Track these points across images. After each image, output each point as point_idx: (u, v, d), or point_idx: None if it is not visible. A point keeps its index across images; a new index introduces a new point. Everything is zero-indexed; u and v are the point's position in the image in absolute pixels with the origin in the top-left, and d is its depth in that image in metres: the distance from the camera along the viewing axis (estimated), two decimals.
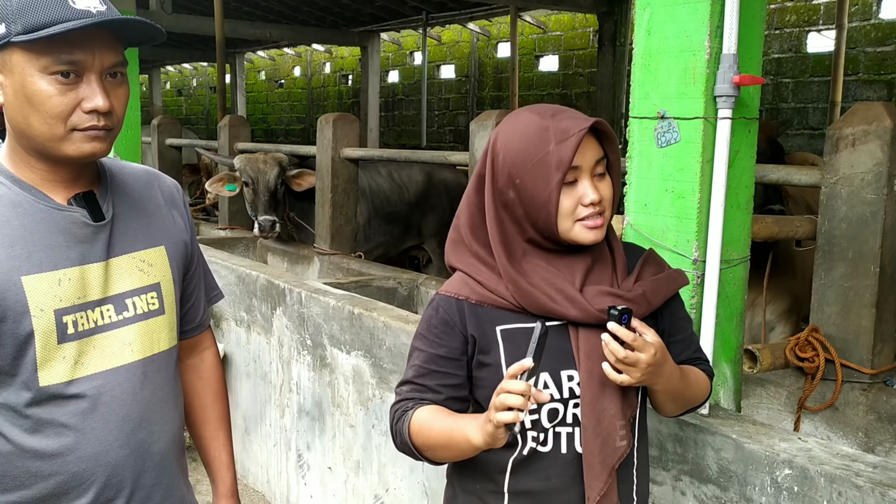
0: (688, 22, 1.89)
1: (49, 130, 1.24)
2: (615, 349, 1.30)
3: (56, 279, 1.28)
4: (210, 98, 20.82)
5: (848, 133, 2.39)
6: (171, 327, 1.45)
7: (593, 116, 1.39)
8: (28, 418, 1.28)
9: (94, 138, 1.26)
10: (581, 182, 1.37)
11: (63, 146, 1.26)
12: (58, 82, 1.22)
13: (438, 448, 1.40)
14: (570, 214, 1.37)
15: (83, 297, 1.31)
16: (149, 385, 1.38)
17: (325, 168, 4.80)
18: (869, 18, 8.73)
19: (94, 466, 1.32)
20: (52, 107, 1.23)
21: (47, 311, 1.26)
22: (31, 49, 1.21)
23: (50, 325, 1.27)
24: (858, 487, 1.56)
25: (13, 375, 1.27)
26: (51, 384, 1.28)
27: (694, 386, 1.48)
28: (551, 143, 1.34)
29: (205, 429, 1.65)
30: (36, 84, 1.22)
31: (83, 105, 1.24)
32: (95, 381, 1.32)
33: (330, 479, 3.26)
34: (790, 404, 2.56)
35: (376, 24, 13.07)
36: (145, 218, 1.43)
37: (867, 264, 2.38)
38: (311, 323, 3.30)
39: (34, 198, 1.30)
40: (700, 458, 1.84)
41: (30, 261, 1.26)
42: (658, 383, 1.38)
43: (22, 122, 1.26)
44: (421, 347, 1.47)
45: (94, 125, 1.25)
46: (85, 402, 1.31)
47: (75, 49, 1.22)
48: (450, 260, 1.50)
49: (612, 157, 1.41)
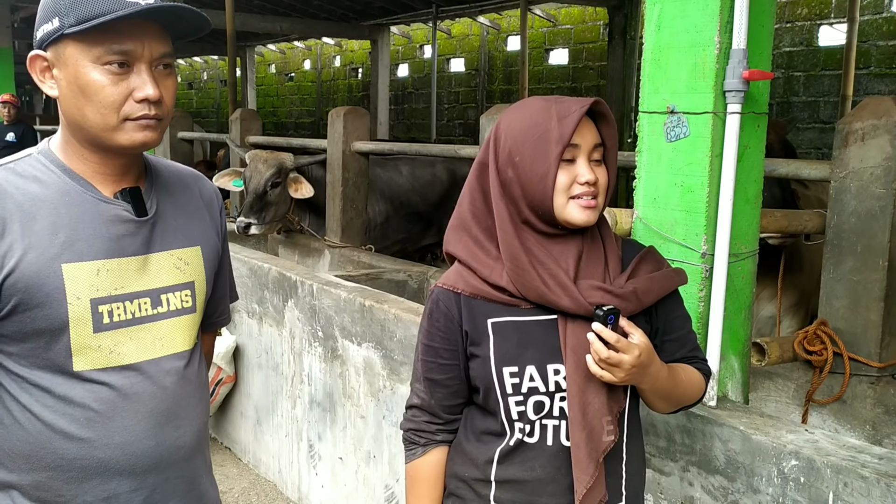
0: (698, 17, 1.90)
1: (102, 120, 1.28)
2: (599, 349, 1.33)
3: (95, 269, 1.31)
4: (220, 91, 20.88)
5: (857, 127, 2.39)
6: (197, 325, 1.48)
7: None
8: (60, 400, 1.31)
9: (146, 127, 1.31)
10: (578, 161, 1.41)
11: (116, 136, 1.30)
12: (110, 73, 1.27)
13: (406, 498, 1.59)
14: (565, 190, 1.40)
15: (120, 289, 1.34)
16: (177, 380, 1.41)
17: (336, 161, 4.82)
18: (881, 12, 8.68)
19: (119, 455, 1.35)
20: (105, 96, 1.27)
21: (83, 299, 1.30)
22: (83, 40, 1.26)
23: (85, 313, 1.30)
24: (864, 478, 1.58)
25: (47, 359, 1.30)
26: (84, 370, 1.32)
27: (685, 385, 1.49)
28: (553, 119, 1.38)
29: None
30: (89, 75, 1.27)
31: (135, 94, 1.28)
32: (127, 371, 1.35)
33: (341, 470, 3.30)
34: (798, 397, 2.57)
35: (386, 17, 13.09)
36: (185, 218, 1.47)
37: (876, 258, 2.39)
38: (322, 315, 3.33)
39: (82, 188, 1.34)
40: (708, 450, 1.86)
41: (71, 249, 1.30)
42: (644, 383, 1.40)
43: (76, 114, 1.30)
44: (426, 342, 1.51)
45: (146, 114, 1.29)
46: (116, 391, 1.34)
47: (126, 39, 1.26)
48: (448, 247, 1.53)
49: (608, 144, 1.44)
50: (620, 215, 2.14)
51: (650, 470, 1.97)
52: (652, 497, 1.99)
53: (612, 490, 1.46)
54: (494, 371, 1.43)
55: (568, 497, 1.43)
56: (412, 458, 1.55)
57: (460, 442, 1.53)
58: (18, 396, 1.32)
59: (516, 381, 1.42)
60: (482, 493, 1.48)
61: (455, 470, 1.53)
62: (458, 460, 1.52)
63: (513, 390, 1.43)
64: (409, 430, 1.56)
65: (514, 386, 1.42)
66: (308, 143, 5.43)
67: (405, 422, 1.57)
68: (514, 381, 1.42)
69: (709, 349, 1.94)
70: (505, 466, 1.46)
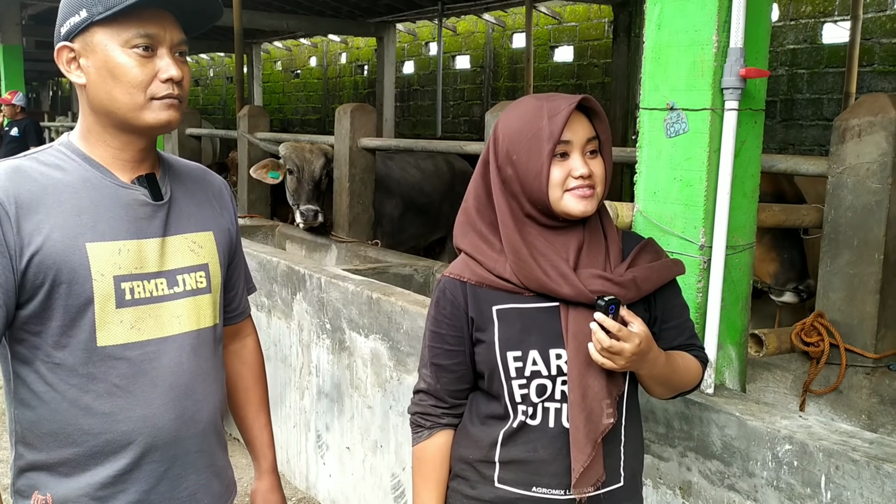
0: (696, 17, 1.96)
1: (131, 100, 1.38)
2: (601, 338, 1.39)
3: (117, 248, 1.39)
4: (227, 88, 20.95)
5: (854, 124, 2.45)
6: (215, 306, 1.55)
7: (608, 107, 1.49)
8: (83, 377, 1.39)
9: (170, 106, 1.41)
10: (572, 156, 1.47)
11: (143, 114, 1.39)
12: (137, 55, 1.37)
13: (412, 479, 1.67)
14: (560, 185, 1.46)
15: (140, 268, 1.42)
16: (194, 357, 1.49)
17: (343, 157, 4.89)
18: (884, 9, 8.71)
19: (141, 427, 1.42)
20: (134, 76, 1.37)
21: (107, 276, 1.38)
22: (112, 27, 1.36)
23: (109, 289, 1.38)
24: (854, 461, 1.64)
25: (72, 336, 1.37)
26: (107, 345, 1.39)
27: (682, 371, 1.55)
28: (544, 118, 1.45)
29: (247, 410, 1.76)
30: (119, 58, 1.37)
31: (159, 75, 1.39)
32: (148, 346, 1.42)
33: (348, 459, 3.36)
34: (796, 388, 2.63)
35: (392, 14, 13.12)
36: (196, 205, 1.55)
37: (872, 252, 2.45)
38: (330, 307, 3.40)
39: (102, 175, 1.43)
40: (705, 435, 1.92)
41: (94, 230, 1.38)
42: (642, 369, 1.47)
43: (105, 98, 1.39)
44: (433, 328, 1.58)
45: (170, 93, 1.40)
46: (136, 365, 1.41)
47: (150, 24, 1.37)
48: (456, 241, 1.61)
49: (602, 137, 1.51)
50: (621, 209, 2.20)
51: (649, 456, 2.03)
52: (651, 482, 2.06)
53: (611, 471, 1.52)
54: (499, 355, 1.49)
55: (568, 477, 1.49)
56: (418, 440, 1.62)
57: (465, 426, 1.60)
58: (45, 376, 1.39)
59: (519, 365, 1.49)
60: (486, 473, 1.54)
61: (460, 452, 1.59)
62: (463, 443, 1.59)
63: (516, 374, 1.49)
64: (416, 414, 1.63)
65: (517, 370, 1.49)
66: (314, 139, 5.49)
67: (412, 406, 1.64)
68: (517, 365, 1.49)
69: (706, 338, 2.00)
70: (508, 448, 1.53)
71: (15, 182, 1.35)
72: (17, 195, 1.34)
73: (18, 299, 1.36)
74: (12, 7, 11.85)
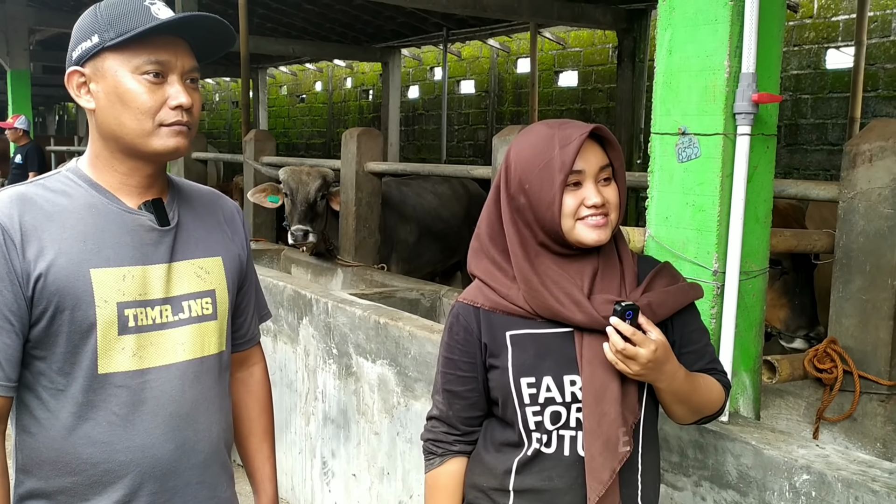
0: (708, 42, 1.96)
1: (139, 126, 1.37)
2: (616, 341, 1.38)
3: (121, 275, 1.38)
4: (232, 113, 21.07)
5: (865, 149, 2.44)
6: (221, 333, 1.53)
7: (612, 131, 1.48)
8: (84, 405, 1.37)
9: (178, 133, 1.40)
10: (585, 185, 1.46)
11: (151, 140, 1.39)
12: (147, 82, 1.37)
13: None
14: (572, 214, 1.46)
15: (144, 295, 1.40)
16: (197, 385, 1.47)
17: (350, 182, 4.90)
18: (888, 35, 8.75)
19: (140, 457, 1.40)
20: (143, 103, 1.36)
21: (111, 302, 1.36)
22: (123, 52, 1.36)
23: (112, 316, 1.36)
24: (874, 492, 1.60)
25: (75, 363, 1.36)
26: (108, 372, 1.37)
27: (704, 391, 1.52)
28: (556, 148, 1.44)
29: (250, 441, 1.73)
30: (128, 84, 1.36)
31: (169, 102, 1.38)
32: (148, 375, 1.41)
33: (354, 486, 3.32)
34: (809, 415, 2.59)
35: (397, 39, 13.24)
36: (205, 230, 1.54)
37: (885, 277, 2.42)
38: (337, 332, 3.37)
39: (108, 200, 1.42)
40: (720, 464, 1.89)
41: (99, 255, 1.37)
42: (660, 381, 1.44)
43: (113, 123, 1.38)
44: (445, 354, 1.57)
45: (179, 120, 1.39)
46: (137, 394, 1.39)
47: (161, 51, 1.37)
48: (470, 267, 1.60)
49: (616, 164, 1.50)
50: (633, 234, 2.18)
51: (663, 485, 2.00)
52: None
53: (627, 500, 1.49)
54: (512, 381, 1.47)
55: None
56: (430, 467, 1.60)
57: (479, 453, 1.57)
58: (47, 402, 1.38)
59: (533, 392, 1.47)
60: (500, 502, 1.52)
61: (474, 480, 1.56)
62: (476, 470, 1.56)
63: (530, 400, 1.47)
64: (428, 441, 1.60)
65: (531, 396, 1.47)
66: (321, 163, 5.50)
67: (425, 432, 1.61)
68: (531, 392, 1.47)
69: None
70: (523, 476, 1.50)
71: (20, 209, 1.35)
72: (23, 222, 1.33)
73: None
74: (20, 32, 11.97)
